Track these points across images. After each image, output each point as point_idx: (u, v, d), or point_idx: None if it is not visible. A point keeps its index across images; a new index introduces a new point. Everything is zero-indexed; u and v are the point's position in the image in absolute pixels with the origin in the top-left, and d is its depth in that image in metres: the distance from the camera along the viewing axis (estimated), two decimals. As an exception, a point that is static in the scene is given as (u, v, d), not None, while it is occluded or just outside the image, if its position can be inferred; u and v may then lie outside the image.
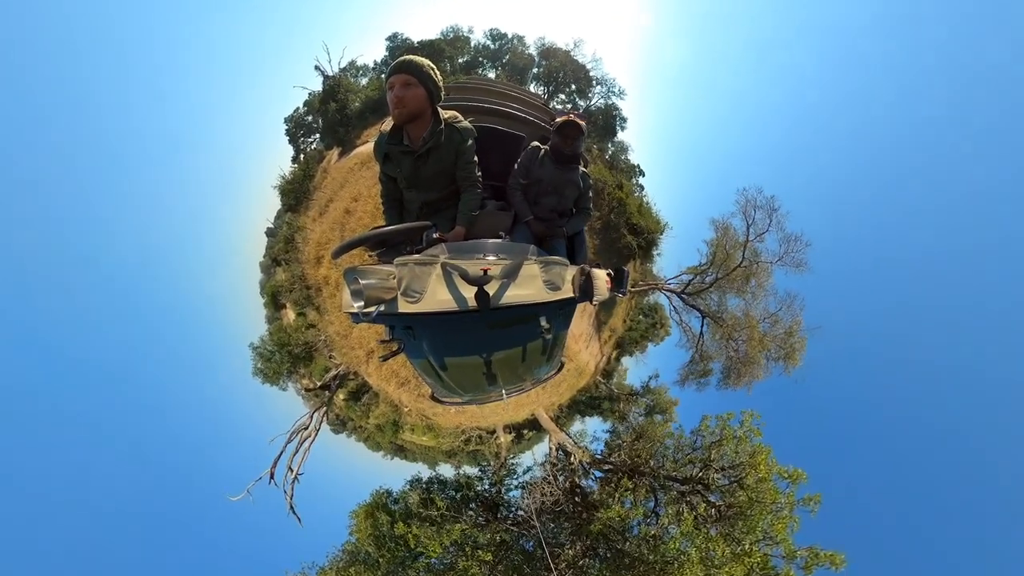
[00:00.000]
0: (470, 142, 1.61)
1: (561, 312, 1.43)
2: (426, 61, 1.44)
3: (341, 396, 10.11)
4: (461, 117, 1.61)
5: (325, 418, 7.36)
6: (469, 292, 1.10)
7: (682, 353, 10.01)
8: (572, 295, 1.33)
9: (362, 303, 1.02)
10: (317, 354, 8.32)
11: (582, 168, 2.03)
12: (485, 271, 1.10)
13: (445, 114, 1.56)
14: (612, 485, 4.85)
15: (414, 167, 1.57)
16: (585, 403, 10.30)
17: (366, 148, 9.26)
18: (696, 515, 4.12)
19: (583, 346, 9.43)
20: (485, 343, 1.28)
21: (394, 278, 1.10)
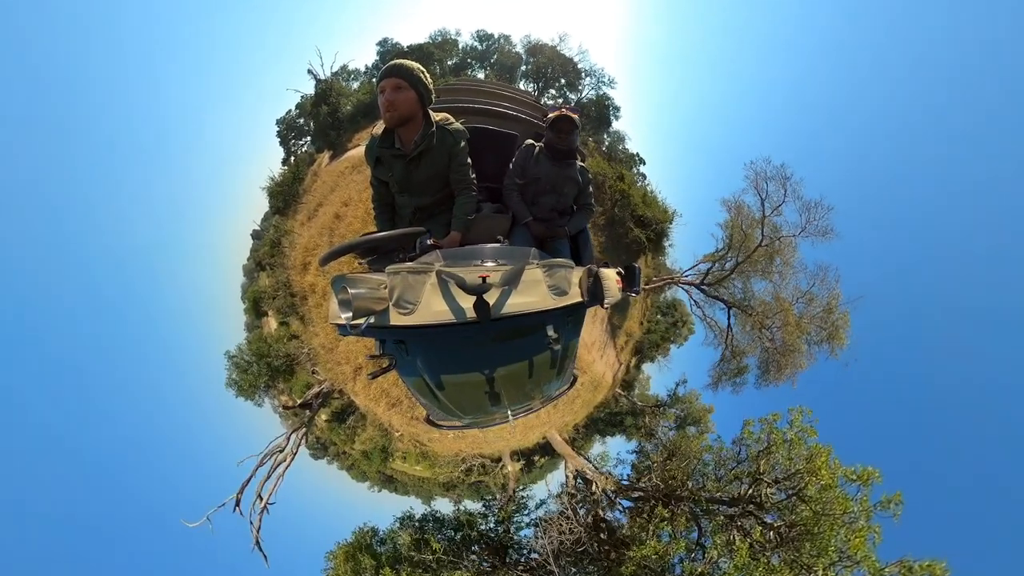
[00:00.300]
0: (463, 144, 1.66)
1: (570, 319, 1.42)
2: (416, 64, 1.51)
3: (323, 417, 9.76)
4: (453, 119, 1.67)
5: (304, 441, 7.00)
6: (467, 302, 1.10)
7: (710, 352, 9.82)
8: (581, 299, 1.33)
9: (350, 314, 1.01)
10: (299, 368, 8.15)
11: (579, 163, 2.07)
12: (484, 278, 1.10)
13: (436, 116, 1.62)
14: (644, 516, 4.56)
15: (406, 171, 1.63)
16: (604, 421, 10.01)
17: (357, 152, 9.72)
18: (752, 542, 3.81)
19: (597, 355, 9.24)
20: (486, 358, 1.27)
21: (385, 288, 1.10)
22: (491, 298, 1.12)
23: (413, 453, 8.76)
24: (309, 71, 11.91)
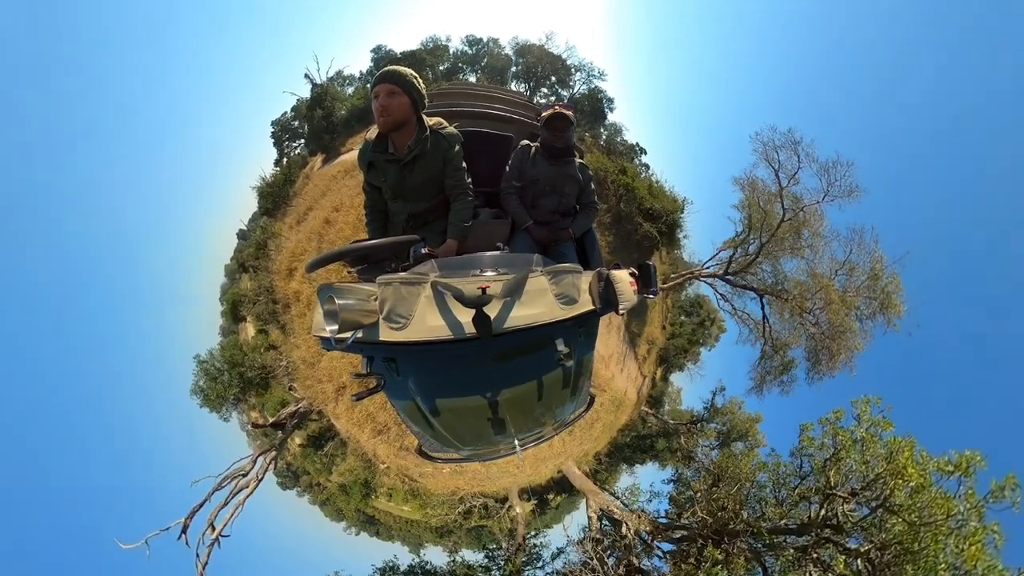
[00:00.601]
0: (457, 148, 1.74)
1: (582, 330, 1.41)
2: (409, 70, 1.62)
3: (297, 440, 9.44)
4: (446, 123, 1.77)
5: (272, 466, 6.55)
6: (465, 316, 1.10)
7: (748, 350, 9.40)
8: (593, 307, 1.32)
9: (336, 327, 1.00)
10: (275, 382, 8.01)
11: (578, 160, 2.14)
12: (483, 289, 1.10)
13: (430, 121, 1.71)
14: (691, 560, 4.08)
15: (400, 176, 1.70)
16: (631, 446, 9.54)
17: (350, 156, 10.20)
18: (835, 576, 3.27)
19: (616, 370, 8.93)
20: (488, 379, 1.26)
21: (375, 299, 1.10)
22: (492, 311, 1.11)
23: (401, 490, 8.22)
24: (306, 75, 13.23)
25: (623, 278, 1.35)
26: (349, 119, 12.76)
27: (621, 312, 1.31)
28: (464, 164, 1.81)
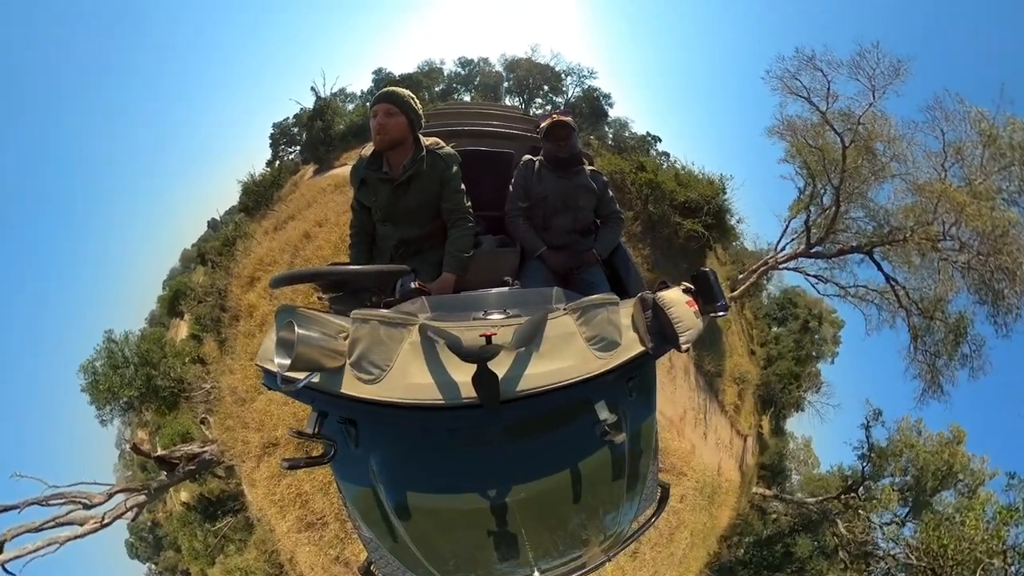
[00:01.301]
0: (455, 168, 1.91)
1: (632, 385, 1.30)
2: (407, 91, 1.86)
3: (183, 495, 8.70)
4: (443, 143, 1.96)
5: (132, 515, 5.67)
6: (463, 374, 1.03)
7: (889, 337, 8.40)
8: (643, 348, 1.23)
9: (288, 361, 0.96)
10: (186, 405, 7.54)
11: (589, 167, 2.26)
12: (488, 337, 1.04)
13: (426, 141, 1.91)
14: None
15: (392, 196, 1.86)
16: (751, 562, 7.60)
17: (342, 171, 11.23)
18: None
19: (697, 437, 7.77)
20: (493, 468, 1.16)
21: (345, 337, 1.07)
22: (500, 367, 1.04)
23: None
24: (312, 88, 16.63)
25: (676, 299, 1.28)
26: (346, 134, 15.39)
27: (684, 347, 1.20)
28: (463, 186, 1.94)
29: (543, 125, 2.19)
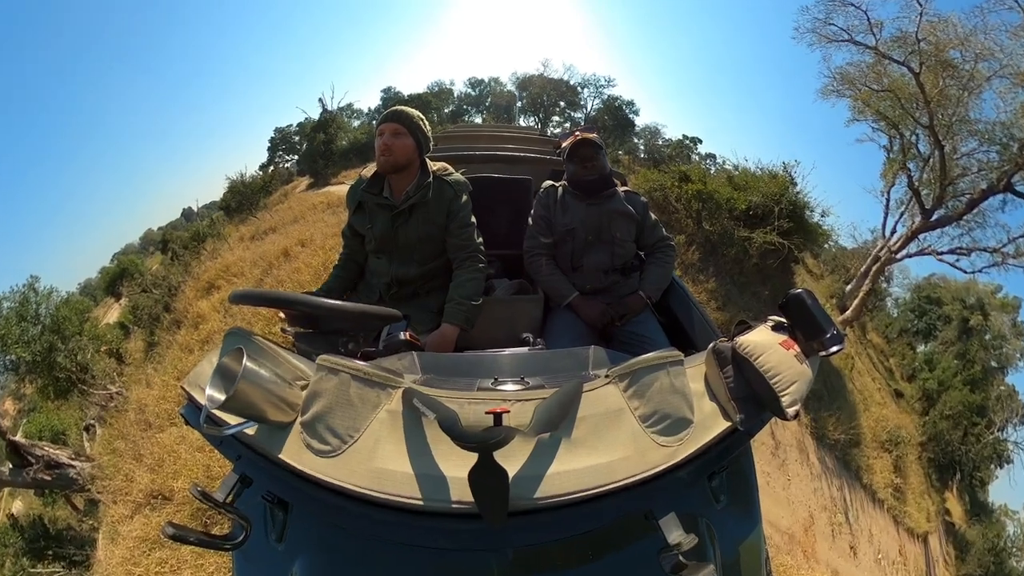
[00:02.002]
0: (464, 198, 2.02)
1: (716, 484, 1.19)
2: (416, 112, 2.02)
3: (16, 505, 8.29)
4: (451, 168, 2.08)
5: None
6: (457, 466, 0.94)
7: None
8: (728, 423, 1.12)
9: (222, 397, 0.93)
10: (78, 399, 7.40)
11: (622, 188, 2.34)
12: (497, 415, 0.97)
13: (434, 166, 2.03)
14: None
15: (391, 225, 1.97)
16: None
17: (338, 190, 11.92)
18: None
19: (841, 552, 6.35)
20: None
21: (304, 386, 1.05)
22: (512, 460, 0.96)
23: None
24: (320, 99, 19.98)
25: (765, 342, 1.18)
26: (348, 151, 17.96)
27: (792, 412, 1.08)
28: (473, 219, 2.02)
29: (564, 145, 2.28)
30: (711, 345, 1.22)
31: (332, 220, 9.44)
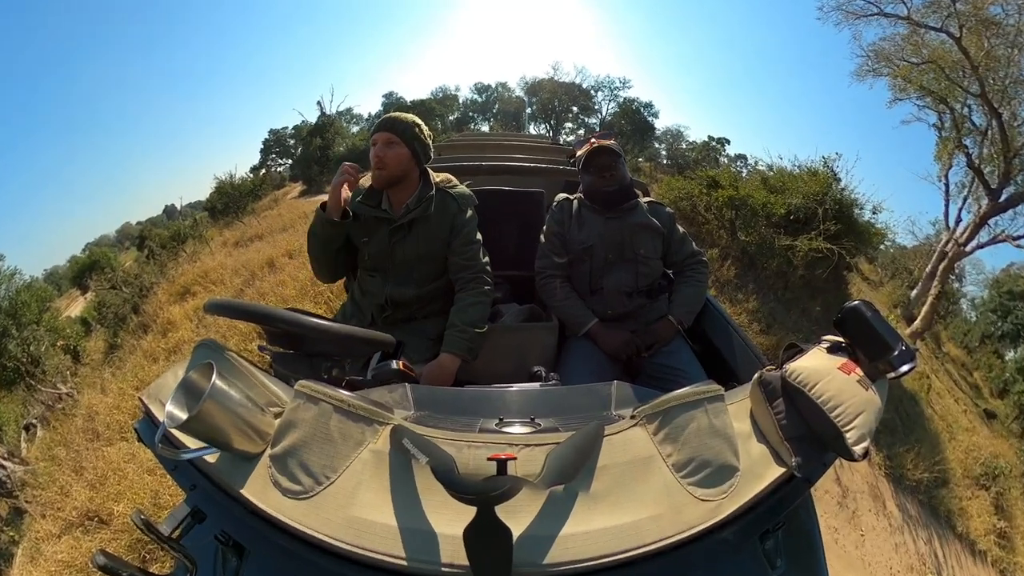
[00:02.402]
0: (469, 212, 2.07)
1: (770, 545, 1.13)
2: (412, 118, 2.06)
3: None
4: (456, 180, 2.14)
5: None
6: (452, 521, 0.93)
7: None
8: (782, 470, 1.10)
9: (184, 416, 0.95)
10: (23, 393, 7.68)
11: (644, 199, 2.39)
12: (502, 462, 0.96)
13: (437, 177, 2.09)
14: None
15: (388, 241, 2.01)
16: None
17: None
18: None
19: None
20: None
21: (278, 414, 1.07)
22: (518, 518, 0.94)
23: None
24: (318, 102, 21.59)
25: (821, 367, 1.16)
26: (345, 159, 20.18)
27: (860, 452, 1.05)
28: (479, 236, 2.07)
29: (579, 154, 2.34)
30: (756, 375, 1.21)
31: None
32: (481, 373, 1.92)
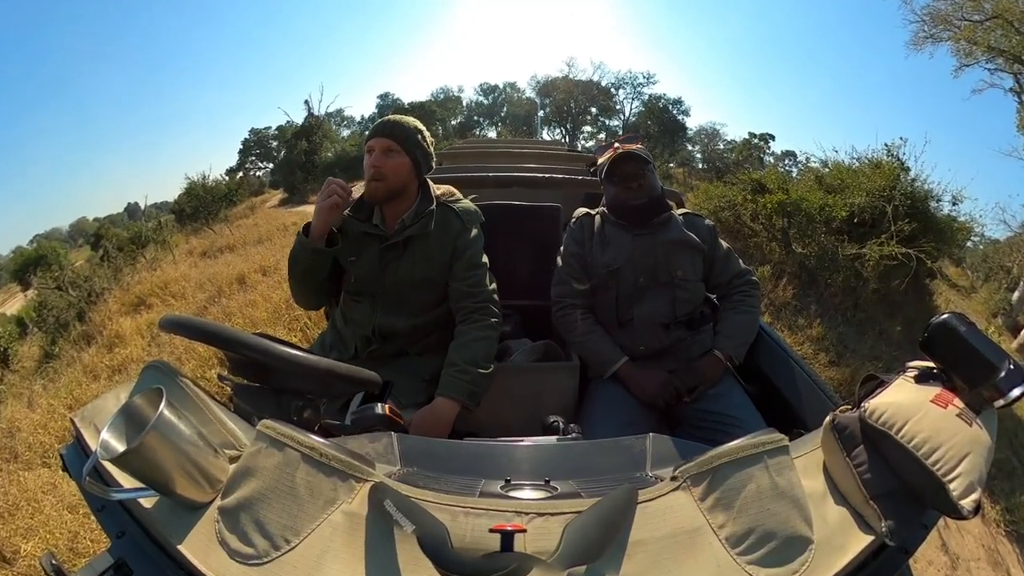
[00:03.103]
0: (475, 231, 2.10)
1: None
2: (414, 122, 2.12)
3: None
4: (459, 193, 2.18)
5: None
6: None
7: None
8: (873, 536, 1.08)
9: (121, 447, 0.96)
10: None
11: (679, 211, 2.41)
12: (508, 535, 0.97)
13: (438, 190, 2.13)
14: None
15: (379, 261, 2.03)
16: None
17: None
18: None
19: None
20: None
21: (234, 459, 1.09)
22: None
23: None
24: (306, 101, 22.52)
25: (910, 403, 1.15)
26: (332, 165, 19.70)
27: (969, 508, 1.02)
28: (486, 259, 2.10)
29: (601, 161, 2.37)
30: (828, 419, 1.20)
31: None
32: (484, 423, 1.94)
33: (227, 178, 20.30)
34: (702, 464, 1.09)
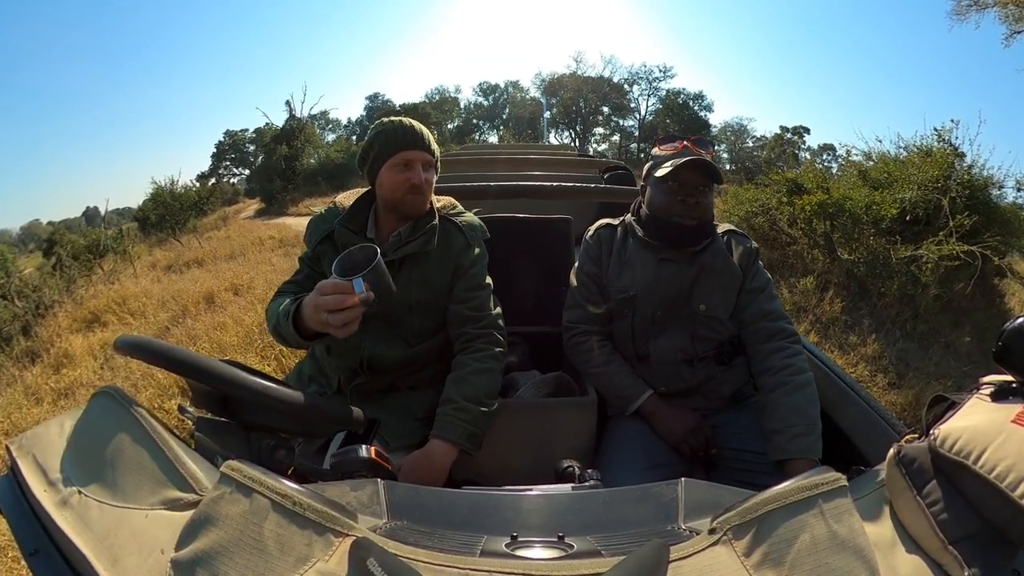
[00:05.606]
0: (478, 249, 2.13)
1: None
2: (427, 130, 2.17)
3: None
4: (460, 206, 2.22)
5: None
6: None
7: None
8: None
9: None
10: None
11: (723, 228, 2.31)
12: None
13: (438, 202, 2.16)
14: None
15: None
16: None
17: (297, 223, 13.43)
18: None
19: None
20: None
21: (190, 503, 1.10)
22: None
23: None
24: (288, 102, 23.04)
25: (987, 426, 1.14)
26: (315, 173, 20.18)
27: None
28: (489, 280, 2.13)
29: (658, 153, 2.18)
30: (892, 451, 1.19)
31: (284, 264, 10.23)
32: (487, 469, 1.95)
33: (198, 184, 20.60)
34: (745, 512, 1.06)
